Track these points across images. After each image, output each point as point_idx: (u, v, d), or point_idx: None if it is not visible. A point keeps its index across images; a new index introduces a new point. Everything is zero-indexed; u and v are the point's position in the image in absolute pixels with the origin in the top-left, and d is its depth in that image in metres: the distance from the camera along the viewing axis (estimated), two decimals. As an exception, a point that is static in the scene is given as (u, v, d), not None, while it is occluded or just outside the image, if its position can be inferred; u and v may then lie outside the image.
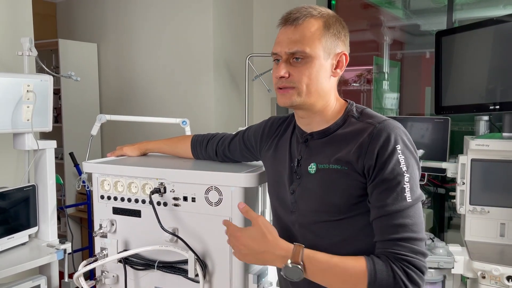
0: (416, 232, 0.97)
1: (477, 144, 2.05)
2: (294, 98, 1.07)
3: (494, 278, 1.83)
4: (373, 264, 0.96)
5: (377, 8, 3.67)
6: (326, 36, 1.06)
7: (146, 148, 1.65)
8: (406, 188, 0.98)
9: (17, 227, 2.02)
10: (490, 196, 2.08)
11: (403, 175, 0.98)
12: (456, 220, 3.07)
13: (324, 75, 1.07)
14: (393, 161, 0.98)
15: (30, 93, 1.99)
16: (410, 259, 0.95)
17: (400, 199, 0.97)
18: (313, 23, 1.05)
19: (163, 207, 1.35)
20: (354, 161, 1.02)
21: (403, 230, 0.97)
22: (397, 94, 3.61)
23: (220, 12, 3.32)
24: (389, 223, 0.98)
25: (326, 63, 1.07)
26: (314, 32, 1.05)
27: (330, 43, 1.07)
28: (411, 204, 0.98)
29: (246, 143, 1.37)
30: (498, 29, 2.20)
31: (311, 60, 1.05)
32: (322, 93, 1.08)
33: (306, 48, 1.04)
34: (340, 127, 1.10)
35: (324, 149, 1.09)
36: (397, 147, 0.99)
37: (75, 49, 3.74)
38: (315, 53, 1.05)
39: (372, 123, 1.04)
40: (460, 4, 3.08)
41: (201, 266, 1.28)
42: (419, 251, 0.96)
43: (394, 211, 0.97)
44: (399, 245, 0.96)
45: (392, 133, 1.00)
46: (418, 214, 0.99)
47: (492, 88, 2.23)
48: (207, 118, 3.33)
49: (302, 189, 1.11)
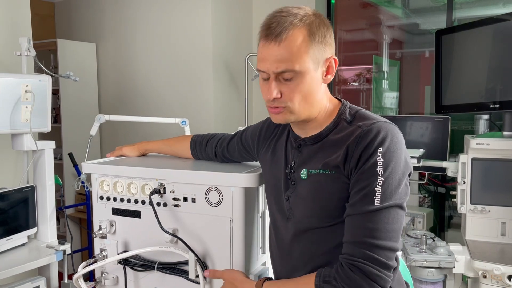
0: (377, 239, 0.93)
1: (477, 143, 2.04)
2: (288, 117, 1.05)
3: (495, 278, 1.83)
4: (320, 273, 0.99)
5: (376, 7, 3.67)
6: (313, 47, 0.99)
7: (146, 149, 1.64)
8: (377, 191, 0.94)
9: (16, 228, 2.01)
10: (490, 195, 2.08)
11: (376, 177, 0.95)
12: (457, 219, 3.07)
13: (316, 86, 1.03)
14: (370, 162, 0.96)
15: (28, 93, 1.98)
16: (359, 264, 0.93)
17: (367, 202, 0.95)
18: (297, 35, 0.97)
19: (163, 207, 1.34)
20: (341, 165, 1.00)
21: (363, 234, 0.95)
22: (396, 93, 3.60)
23: (219, 11, 3.31)
24: (353, 224, 0.97)
25: (317, 73, 1.02)
26: (300, 45, 0.97)
27: (318, 51, 1.00)
28: (378, 208, 0.94)
29: (244, 144, 1.37)
30: (498, 27, 2.20)
31: (302, 76, 0.99)
32: (316, 103, 1.06)
33: (295, 66, 0.98)
34: (332, 131, 1.07)
35: (315, 155, 1.08)
36: (379, 149, 0.96)
37: (74, 49, 3.73)
38: (305, 68, 0.99)
39: (361, 126, 1.01)
40: (460, 3, 3.08)
41: (202, 267, 1.27)
42: (373, 258, 0.93)
43: (360, 212, 0.96)
44: (353, 249, 0.95)
45: (378, 135, 0.97)
46: (385, 221, 0.94)
47: (492, 86, 2.23)
48: (207, 118, 3.32)
49: (296, 195, 1.10)
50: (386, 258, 0.94)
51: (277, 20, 0.99)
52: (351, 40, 3.80)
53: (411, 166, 1.03)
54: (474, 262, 1.88)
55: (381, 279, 0.93)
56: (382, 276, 0.93)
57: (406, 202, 0.99)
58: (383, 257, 0.94)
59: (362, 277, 0.93)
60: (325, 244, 1.07)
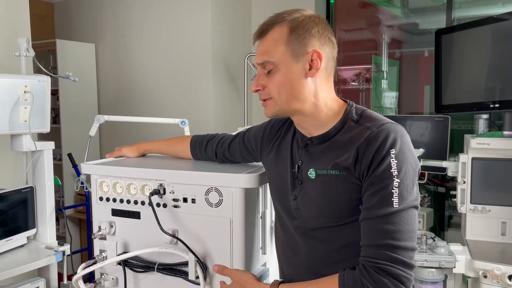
0: (399, 240, 0.95)
1: (477, 142, 2.04)
2: (272, 109, 1.10)
3: (496, 277, 1.82)
4: (344, 276, 0.98)
5: (375, 7, 3.66)
6: (292, 40, 1.04)
7: (145, 149, 1.63)
8: (394, 193, 0.96)
9: (15, 229, 2.00)
10: (491, 194, 2.07)
11: (392, 180, 0.96)
12: (456, 219, 3.06)
13: (296, 78, 1.05)
14: (384, 164, 0.97)
15: (27, 94, 1.97)
16: (385, 267, 0.94)
17: (386, 204, 0.96)
18: (277, 31, 1.05)
19: (162, 208, 1.33)
20: (351, 166, 1.01)
21: (384, 237, 0.95)
22: (396, 93, 3.60)
23: (218, 11, 3.31)
24: (372, 227, 0.97)
25: (297, 66, 1.05)
26: (277, 39, 1.05)
27: (298, 44, 1.04)
28: (397, 210, 0.95)
29: (247, 144, 1.36)
30: (498, 27, 2.19)
31: (278, 68, 1.05)
32: (301, 96, 1.06)
33: (270, 58, 1.05)
34: (339, 131, 1.08)
35: (323, 155, 1.08)
36: (391, 151, 0.97)
37: (73, 50, 3.72)
38: (279, 60, 1.05)
39: (370, 127, 1.02)
40: (459, 2, 3.08)
41: (202, 268, 1.27)
42: (398, 260, 0.94)
43: (378, 216, 0.96)
44: (376, 252, 0.95)
45: (389, 137, 0.98)
46: (405, 222, 0.96)
47: (492, 86, 2.22)
48: (206, 118, 3.32)
49: (304, 195, 1.10)
50: (409, 259, 0.95)
51: (267, 21, 1.09)
52: (350, 39, 3.80)
53: (419, 165, 1.04)
54: (474, 262, 1.87)
55: (407, 280, 0.95)
56: (408, 277, 0.95)
57: (419, 201, 1.01)
58: (406, 257, 0.95)
59: (389, 280, 0.93)
60: (333, 243, 1.07)
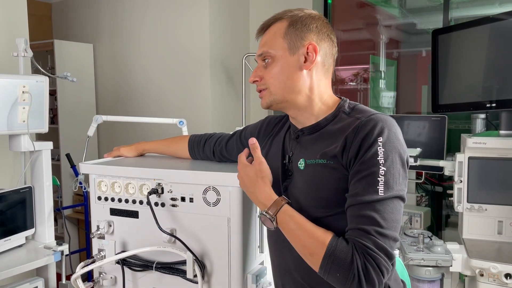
0: (383, 228, 0.94)
1: (474, 142, 2.05)
2: (267, 99, 1.12)
3: (492, 276, 1.83)
4: (337, 241, 0.96)
5: (373, 7, 3.67)
6: (289, 33, 1.08)
7: (143, 149, 1.64)
8: (380, 181, 0.96)
9: (14, 229, 2.01)
10: (487, 194, 2.09)
11: (378, 167, 0.96)
12: (454, 218, 3.07)
13: (291, 70, 1.09)
14: (371, 152, 0.97)
15: (26, 94, 1.98)
16: (372, 253, 0.93)
17: (371, 191, 0.95)
18: (278, 25, 1.10)
19: (160, 207, 1.34)
20: (339, 155, 1.01)
21: (370, 223, 0.95)
22: (393, 92, 3.61)
23: (216, 11, 3.32)
24: (358, 212, 0.96)
25: (293, 58, 1.08)
26: (276, 32, 1.10)
27: (295, 37, 1.08)
28: (382, 198, 0.95)
29: (244, 142, 1.37)
30: (494, 27, 2.21)
31: (275, 59, 1.09)
32: (295, 88, 1.09)
33: (269, 49, 1.09)
34: (330, 122, 1.10)
35: (313, 145, 1.10)
36: (379, 139, 0.97)
37: (71, 50, 3.72)
38: (276, 52, 1.09)
39: (359, 118, 1.03)
40: (456, 2, 3.09)
41: (200, 266, 1.27)
42: (382, 247, 0.93)
43: (364, 202, 0.96)
44: (364, 235, 0.94)
45: (377, 126, 0.99)
46: (389, 211, 0.95)
47: (489, 86, 2.24)
48: (204, 118, 3.32)
49: (293, 186, 1.11)
50: (391, 248, 0.95)
51: (268, 18, 1.13)
52: (348, 39, 3.80)
53: (409, 158, 1.04)
54: (471, 261, 1.88)
55: (387, 270, 0.94)
56: (388, 268, 0.94)
57: (405, 193, 1.00)
58: (388, 246, 0.94)
59: (374, 267, 0.92)
60: None
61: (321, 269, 0.97)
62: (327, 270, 0.96)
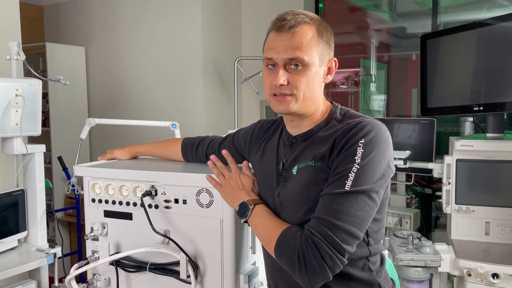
0: (337, 219, 0.95)
1: (461, 144, 2.09)
2: (291, 105, 1.09)
3: (479, 276, 1.87)
4: (290, 228, 1.04)
5: (363, 11, 3.72)
6: (320, 44, 1.09)
7: (137, 151, 1.65)
8: (350, 176, 0.97)
9: (6, 231, 2.01)
10: (475, 195, 2.12)
11: (352, 165, 0.98)
12: (443, 220, 3.12)
13: (318, 82, 1.11)
14: (350, 151, 1.00)
15: (18, 97, 1.98)
16: (315, 239, 0.95)
17: (338, 185, 0.98)
18: (308, 30, 1.07)
19: (154, 209, 1.36)
20: (327, 155, 1.05)
21: (326, 213, 0.97)
22: (384, 96, 3.66)
23: (208, 15, 3.34)
24: (321, 203, 1.00)
25: (320, 70, 1.11)
26: (310, 39, 1.07)
27: (323, 50, 1.10)
28: (346, 191, 0.97)
29: (236, 146, 1.39)
30: (482, 32, 2.25)
31: (308, 68, 1.07)
32: (315, 99, 1.12)
33: (304, 56, 1.05)
34: (322, 128, 1.13)
35: (305, 151, 1.12)
36: (361, 140, 1.00)
37: (63, 53, 3.71)
38: (312, 61, 1.07)
39: (349, 123, 1.06)
40: (445, 7, 3.14)
41: (193, 267, 1.29)
42: (328, 236, 0.95)
43: (328, 193, 0.99)
44: (315, 223, 0.98)
45: (364, 128, 1.02)
46: (350, 205, 0.96)
47: (476, 89, 2.28)
48: (197, 121, 3.34)
49: (286, 191, 1.13)
50: (342, 240, 0.95)
51: (291, 15, 1.08)
52: (339, 43, 3.79)
53: (393, 163, 1.06)
54: (459, 261, 1.92)
55: (330, 258, 0.95)
56: (332, 256, 0.95)
57: (380, 195, 1.01)
58: (339, 238, 0.95)
59: (314, 252, 0.95)
60: None
61: (275, 253, 1.04)
62: (277, 254, 1.03)
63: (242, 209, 1.16)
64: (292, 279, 1.13)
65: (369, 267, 1.10)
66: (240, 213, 1.16)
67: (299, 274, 0.98)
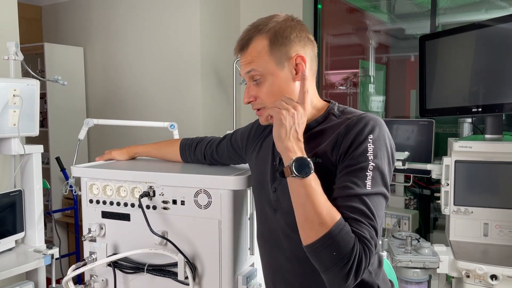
0: (373, 221, 0.96)
1: (460, 146, 2.09)
2: (268, 117, 1.11)
3: (478, 277, 1.87)
4: (344, 224, 0.93)
5: (362, 13, 3.72)
6: (274, 50, 1.08)
7: (135, 152, 1.65)
8: (368, 175, 0.98)
9: (3, 232, 2.00)
10: (473, 196, 2.13)
11: (367, 163, 0.98)
12: (442, 221, 3.11)
13: (284, 85, 1.09)
14: (361, 148, 1.00)
15: (16, 97, 1.98)
16: (369, 246, 0.94)
17: (361, 185, 0.97)
18: (258, 42, 1.09)
19: (152, 210, 1.35)
20: (329, 152, 1.04)
21: (361, 215, 0.95)
22: (383, 97, 3.66)
23: (207, 16, 3.34)
24: (349, 204, 0.96)
25: (283, 72, 1.09)
26: (261, 50, 1.08)
27: (280, 54, 1.08)
28: (370, 193, 0.97)
29: (234, 145, 1.39)
30: (480, 33, 2.25)
31: (266, 77, 1.09)
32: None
33: (258, 68, 1.08)
34: (320, 124, 1.12)
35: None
36: (369, 136, 1.01)
37: (61, 53, 3.71)
38: (266, 70, 1.08)
39: (350, 118, 1.07)
40: (444, 8, 3.14)
41: (191, 268, 1.29)
42: (375, 241, 0.95)
43: (353, 194, 0.96)
44: (362, 226, 0.94)
45: (369, 124, 1.02)
46: (375, 206, 0.97)
47: (475, 91, 2.28)
48: (195, 122, 3.33)
49: (283, 187, 1.12)
50: (376, 242, 0.97)
51: (242, 36, 1.12)
52: (337, 44, 3.85)
53: (395, 156, 1.07)
54: (457, 262, 1.92)
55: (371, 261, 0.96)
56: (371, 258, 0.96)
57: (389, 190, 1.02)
58: (375, 240, 0.96)
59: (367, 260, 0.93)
60: None
61: (318, 242, 0.93)
62: (324, 245, 0.92)
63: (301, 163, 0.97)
64: (291, 278, 1.13)
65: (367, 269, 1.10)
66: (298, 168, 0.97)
67: (346, 275, 0.92)
